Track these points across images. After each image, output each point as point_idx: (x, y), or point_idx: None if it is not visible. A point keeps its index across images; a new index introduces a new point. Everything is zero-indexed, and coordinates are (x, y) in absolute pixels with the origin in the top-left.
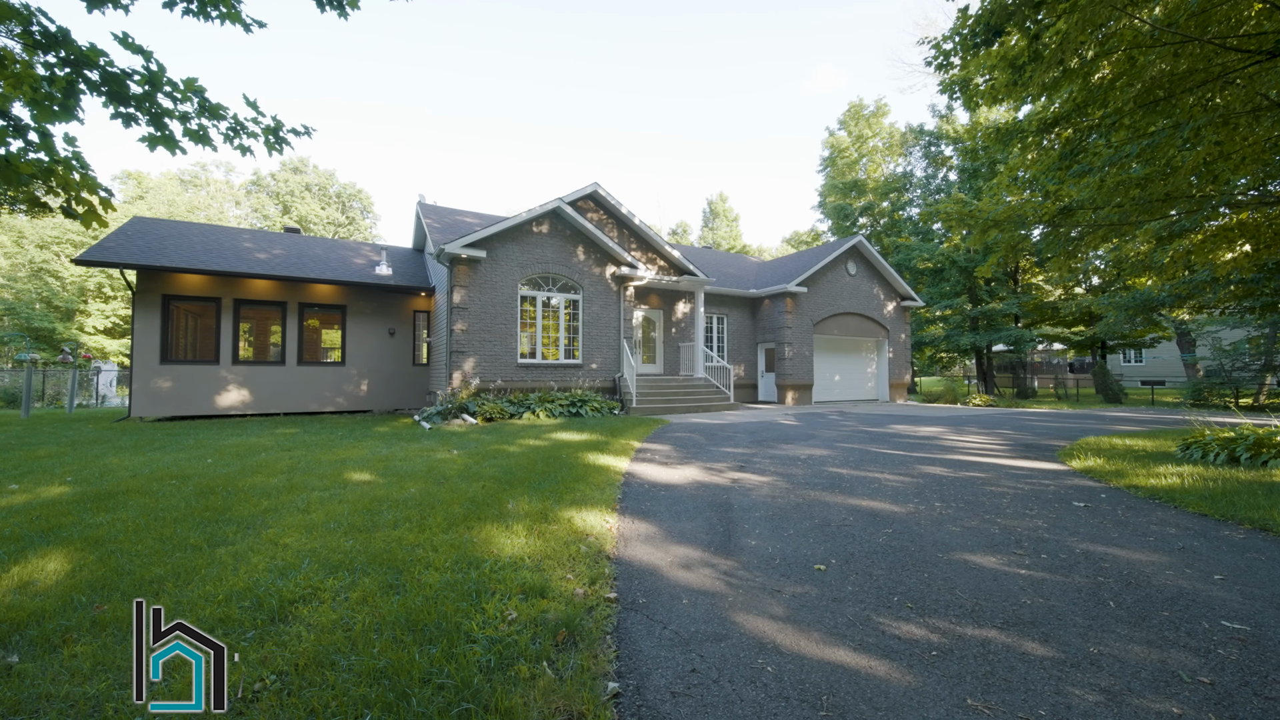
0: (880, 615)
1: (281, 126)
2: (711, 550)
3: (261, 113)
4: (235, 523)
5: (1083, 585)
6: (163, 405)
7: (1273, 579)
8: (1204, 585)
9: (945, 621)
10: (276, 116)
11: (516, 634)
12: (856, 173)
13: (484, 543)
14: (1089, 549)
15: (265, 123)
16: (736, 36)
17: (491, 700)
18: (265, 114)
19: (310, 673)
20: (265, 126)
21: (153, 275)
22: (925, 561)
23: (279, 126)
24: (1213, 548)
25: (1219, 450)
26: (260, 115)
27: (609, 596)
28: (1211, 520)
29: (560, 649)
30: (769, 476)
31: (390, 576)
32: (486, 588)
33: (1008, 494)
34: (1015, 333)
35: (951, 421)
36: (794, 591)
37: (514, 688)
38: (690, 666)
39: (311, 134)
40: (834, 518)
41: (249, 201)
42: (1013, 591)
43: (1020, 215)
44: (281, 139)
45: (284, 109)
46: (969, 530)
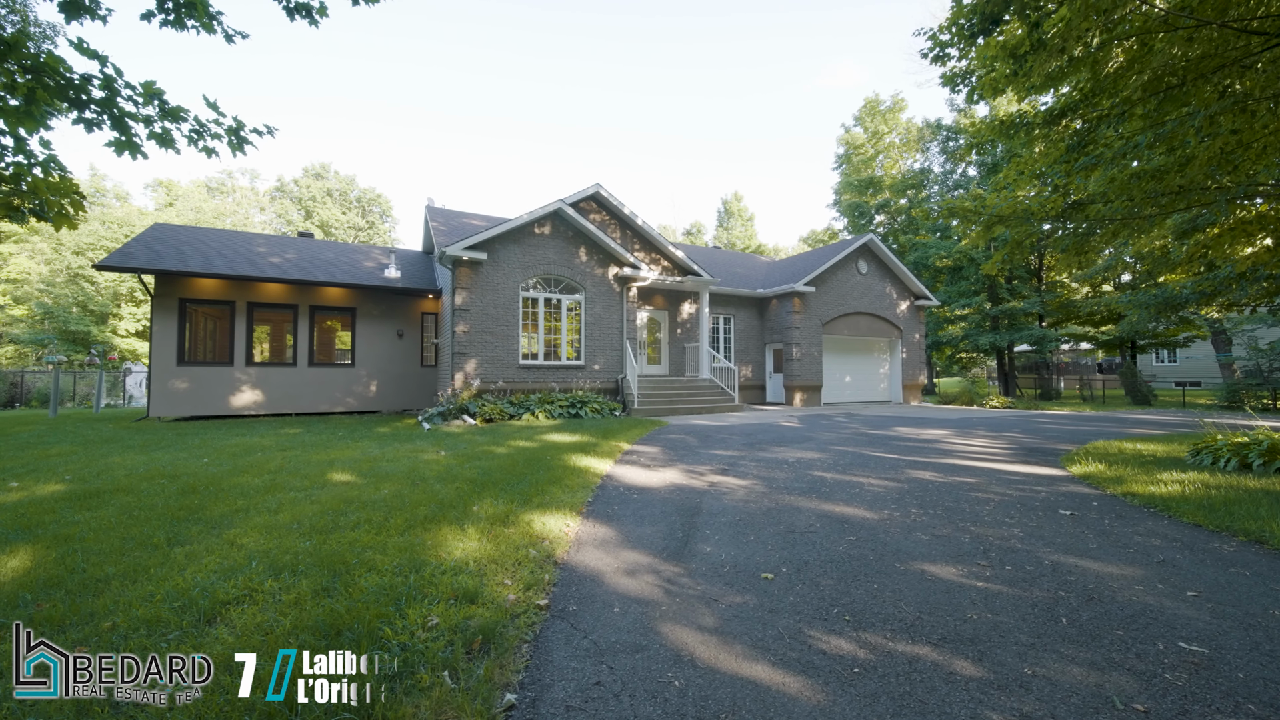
0: (813, 628)
1: (243, 127)
2: (663, 556)
3: (222, 114)
4: (204, 522)
5: (1039, 600)
6: (180, 405)
7: (1249, 597)
8: (1173, 602)
9: (879, 636)
10: (237, 117)
11: (431, 641)
12: (873, 170)
13: (436, 546)
14: (1060, 560)
15: (227, 123)
16: (755, 37)
17: (374, 711)
18: (226, 115)
19: (217, 675)
20: (227, 127)
21: (170, 280)
22: (880, 571)
23: (240, 127)
24: (1196, 561)
25: (1230, 456)
26: (221, 116)
27: (540, 603)
28: (1204, 531)
29: (471, 657)
30: (749, 480)
31: (330, 579)
32: (420, 592)
33: (993, 501)
34: (1037, 332)
35: (960, 424)
36: (732, 601)
37: (406, 697)
38: (596, 679)
39: (274, 133)
40: (801, 524)
41: (273, 207)
42: (961, 605)
43: (1026, 210)
44: (243, 139)
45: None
46: (938, 539)
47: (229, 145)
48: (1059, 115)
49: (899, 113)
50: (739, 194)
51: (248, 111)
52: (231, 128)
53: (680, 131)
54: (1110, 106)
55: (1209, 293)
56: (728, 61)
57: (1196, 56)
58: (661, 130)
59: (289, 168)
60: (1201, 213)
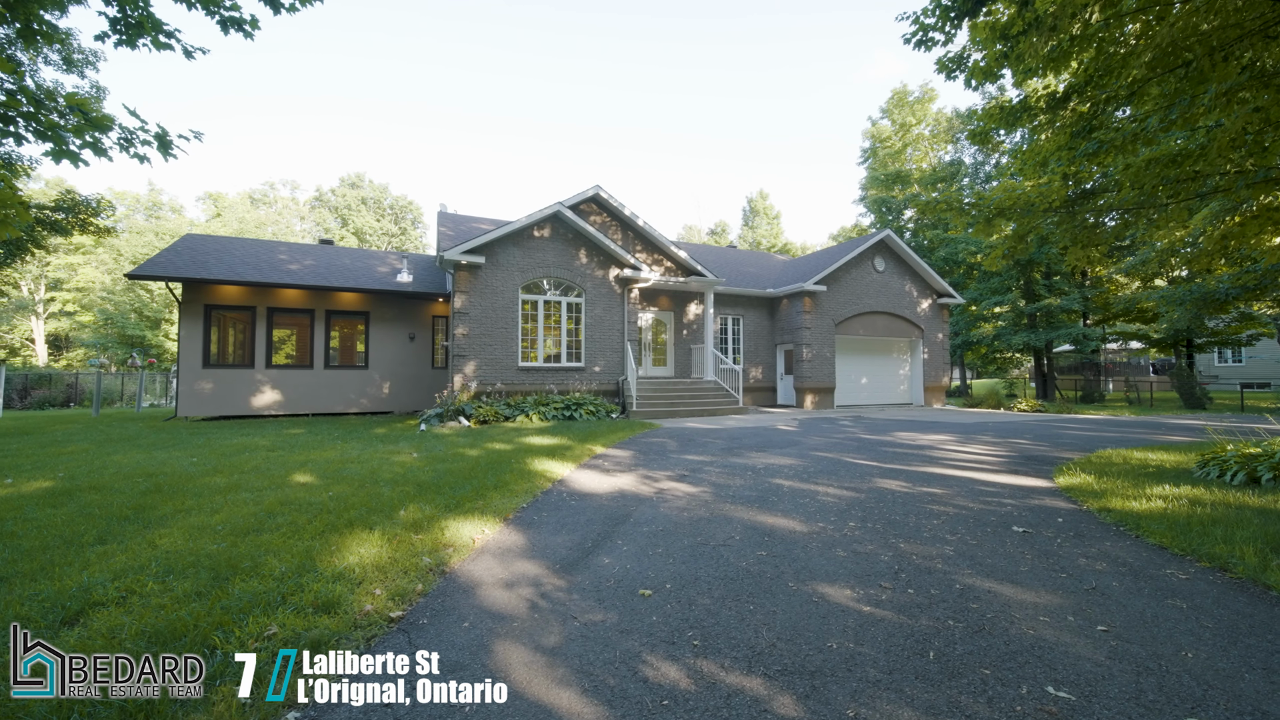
0: (653, 653)
1: (167, 134)
2: (556, 568)
3: (145, 121)
4: (143, 521)
5: (921, 630)
6: (205, 406)
7: (1169, 635)
8: (1073, 638)
9: (716, 665)
10: (161, 124)
11: (255, 652)
12: (902, 163)
13: (336, 550)
14: (975, 585)
15: (153, 130)
16: (787, 39)
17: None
18: (149, 123)
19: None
20: (154, 134)
21: (196, 287)
22: (767, 591)
23: (165, 134)
24: (1131, 590)
25: (1238, 469)
26: (145, 125)
27: (394, 615)
28: (1166, 555)
29: None
30: (701, 488)
31: (211, 583)
32: (284, 599)
33: (946, 515)
34: (1076, 330)
35: (969, 429)
36: (590, 620)
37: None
38: (387, 701)
39: (201, 138)
40: (721, 536)
41: (312, 216)
42: (830, 632)
43: (1027, 201)
44: (169, 144)
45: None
46: (857, 556)
47: (158, 150)
48: (1064, 98)
49: (929, 103)
50: (764, 192)
51: (125, 119)
52: (159, 134)
53: (706, 131)
54: (1118, 87)
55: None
56: (757, 62)
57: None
58: (686, 130)
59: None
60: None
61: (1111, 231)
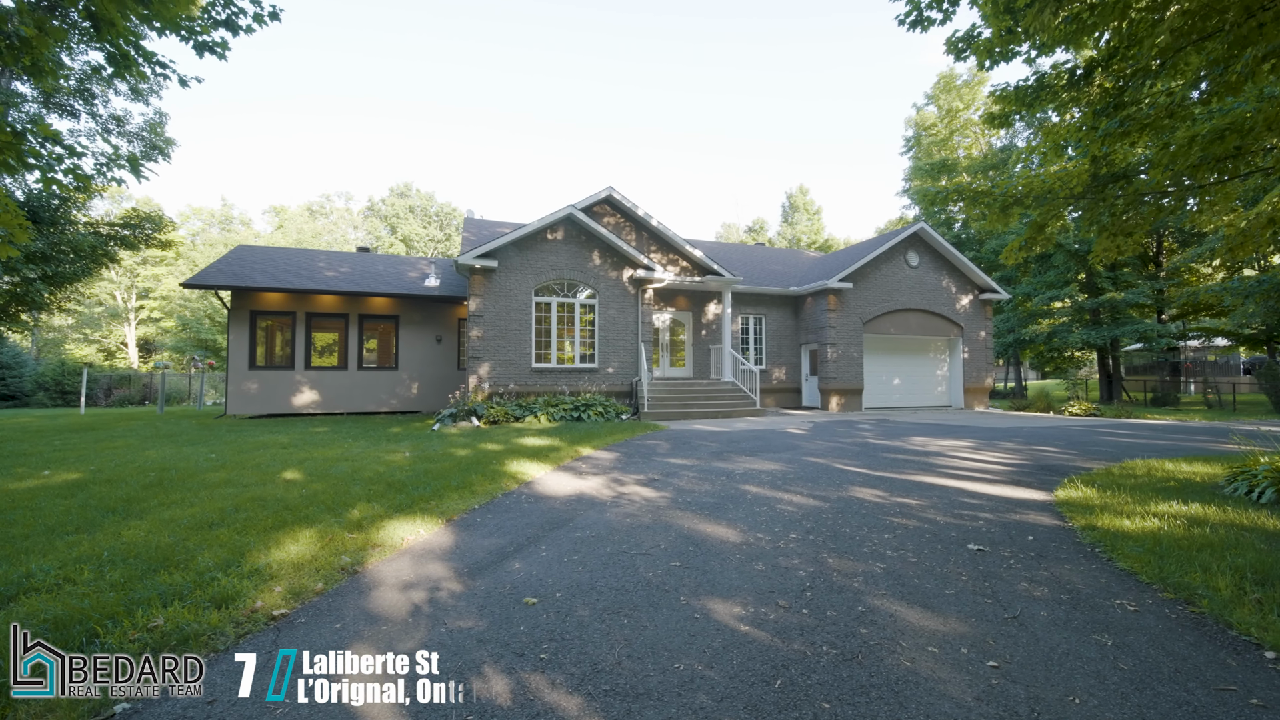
0: (495, 665)
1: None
2: (464, 572)
3: (116, 148)
4: (127, 513)
5: (786, 655)
6: (251, 404)
7: (1070, 676)
8: (953, 674)
9: (547, 681)
10: (132, 151)
11: (130, 644)
12: (949, 151)
13: (271, 546)
14: (881, 607)
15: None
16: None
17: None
18: (121, 149)
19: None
20: (128, 156)
21: (242, 294)
22: (654, 604)
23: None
24: (1058, 622)
25: (1268, 484)
26: (116, 151)
27: (277, 614)
28: (1132, 581)
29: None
30: (663, 493)
31: (141, 574)
32: (190, 593)
33: (905, 529)
34: (1143, 326)
35: (996, 435)
36: (456, 626)
37: None
38: (211, 698)
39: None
40: (647, 544)
41: (365, 225)
42: (688, 652)
43: (1045, 188)
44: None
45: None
46: (775, 570)
47: (131, 173)
48: (1087, 74)
49: (979, 87)
50: (804, 187)
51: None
52: (132, 157)
53: (749, 130)
54: (1148, 59)
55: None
56: (804, 63)
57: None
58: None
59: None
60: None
61: (1145, 218)
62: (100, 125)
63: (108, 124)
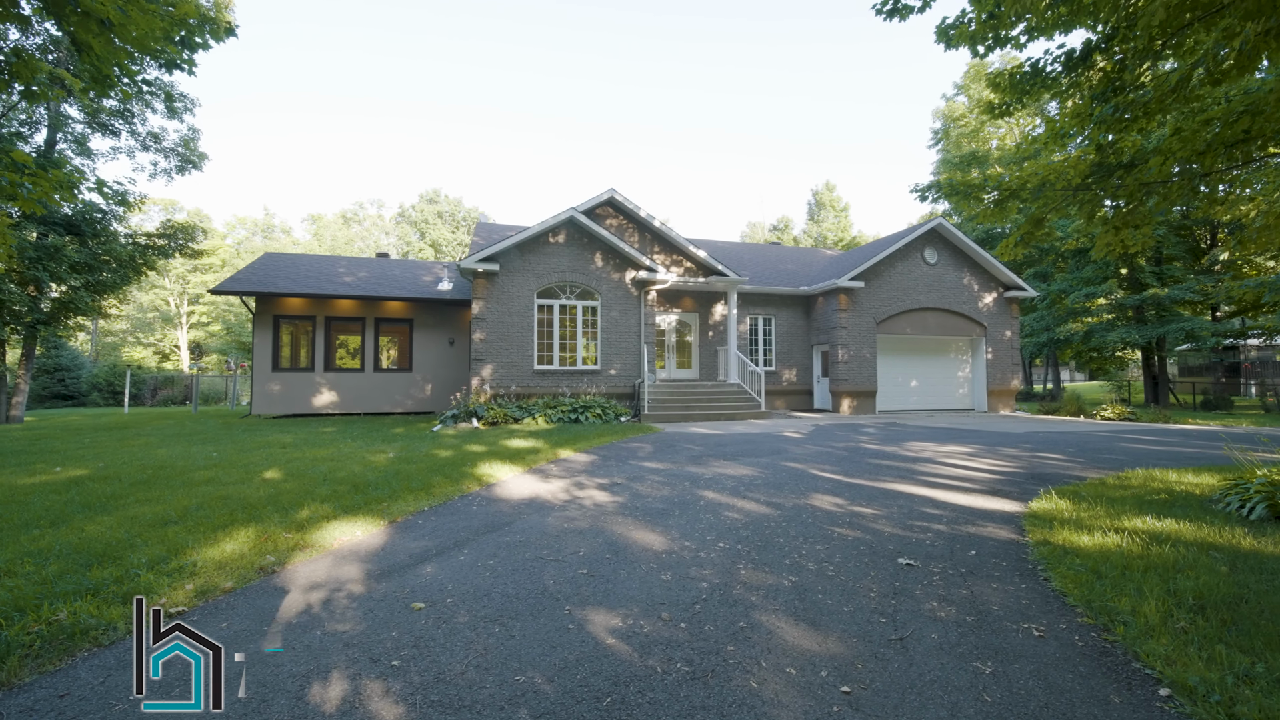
0: (345, 670)
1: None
2: (375, 575)
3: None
4: (104, 509)
5: (636, 672)
6: (274, 405)
7: (925, 707)
8: (796, 698)
9: (382, 689)
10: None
11: (24, 637)
12: (980, 142)
13: (206, 544)
14: (763, 623)
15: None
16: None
17: None
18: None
19: None
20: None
21: (266, 299)
22: (535, 613)
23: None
24: (945, 646)
25: (1259, 499)
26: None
27: (173, 611)
28: (1057, 603)
29: (26, 658)
30: (617, 497)
31: (76, 567)
32: (108, 587)
33: (842, 539)
34: (1190, 324)
35: (1003, 440)
36: (331, 629)
37: None
38: (65, 691)
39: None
40: (568, 550)
41: (396, 231)
42: (538, 664)
43: (1043, 180)
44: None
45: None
46: (681, 581)
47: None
48: (1084, 57)
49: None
50: (830, 184)
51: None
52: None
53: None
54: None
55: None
56: (834, 63)
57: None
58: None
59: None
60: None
61: (1151, 209)
62: (140, 142)
63: (145, 140)
